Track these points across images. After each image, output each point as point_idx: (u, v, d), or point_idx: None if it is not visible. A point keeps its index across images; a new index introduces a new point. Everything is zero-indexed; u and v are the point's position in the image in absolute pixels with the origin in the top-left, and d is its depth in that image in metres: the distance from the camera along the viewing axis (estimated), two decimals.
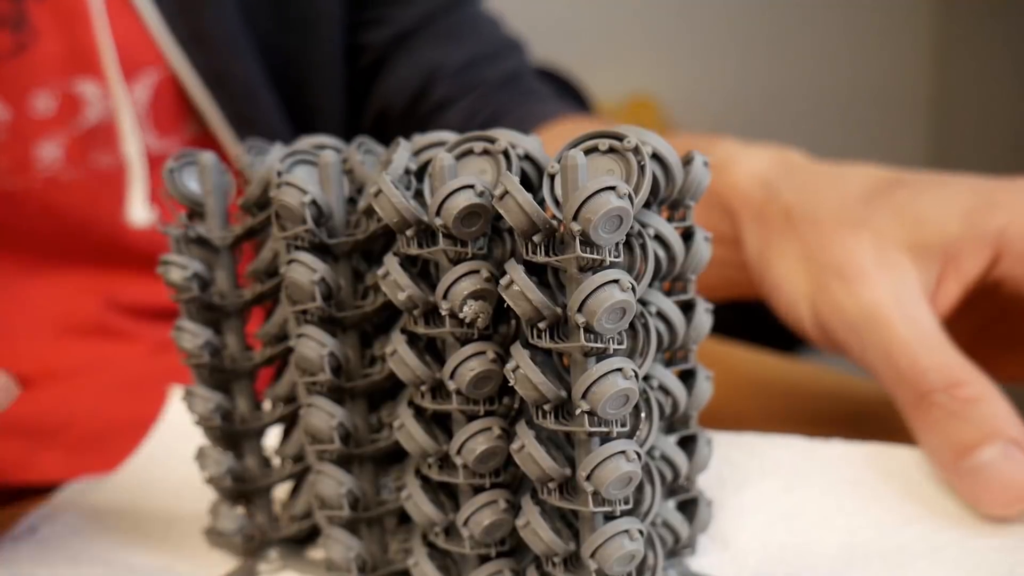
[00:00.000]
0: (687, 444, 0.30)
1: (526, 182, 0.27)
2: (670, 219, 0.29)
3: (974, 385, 0.32)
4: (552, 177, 0.25)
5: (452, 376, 0.26)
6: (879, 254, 0.35)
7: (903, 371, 0.33)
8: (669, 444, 0.29)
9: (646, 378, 0.28)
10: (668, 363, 0.30)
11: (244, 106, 0.54)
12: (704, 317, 0.29)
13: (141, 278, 0.55)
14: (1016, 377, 0.37)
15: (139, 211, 0.52)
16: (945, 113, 1.96)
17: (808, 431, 0.37)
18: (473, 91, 0.58)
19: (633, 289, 0.24)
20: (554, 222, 0.24)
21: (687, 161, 0.28)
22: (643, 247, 0.26)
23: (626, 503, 0.26)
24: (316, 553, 0.34)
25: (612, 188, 0.23)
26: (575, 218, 0.23)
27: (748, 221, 0.40)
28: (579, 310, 0.23)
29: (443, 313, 0.26)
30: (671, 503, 0.31)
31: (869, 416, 0.39)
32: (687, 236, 0.29)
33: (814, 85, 1.86)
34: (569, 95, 0.86)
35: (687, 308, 0.29)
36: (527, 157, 0.27)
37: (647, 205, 0.27)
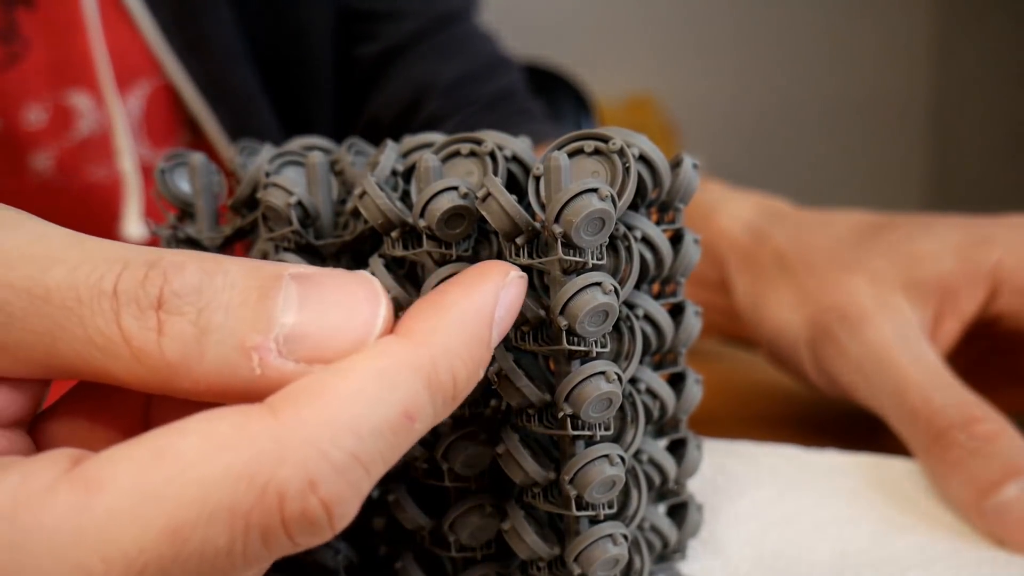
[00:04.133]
0: (676, 448, 0.30)
1: (514, 184, 0.27)
2: (659, 222, 0.28)
3: (990, 421, 0.32)
4: (537, 179, 0.25)
5: None
6: (877, 295, 0.35)
7: (917, 410, 0.33)
8: (657, 448, 0.29)
9: (633, 381, 0.28)
10: (657, 366, 0.30)
11: (242, 115, 0.54)
12: (694, 320, 0.29)
13: None
14: (1010, 409, 0.37)
15: (134, 227, 0.52)
16: (945, 110, 1.96)
17: (804, 436, 0.37)
18: (463, 109, 0.58)
19: (616, 292, 0.24)
20: (538, 224, 0.24)
21: (676, 163, 0.28)
22: (628, 249, 0.26)
23: (610, 507, 0.25)
24: (307, 555, 0.34)
25: (594, 190, 0.23)
26: (557, 220, 0.23)
27: (737, 266, 0.40)
28: (561, 313, 0.23)
29: None
30: (660, 508, 0.31)
31: (866, 420, 0.39)
32: (676, 239, 0.28)
33: (814, 85, 1.86)
34: (570, 94, 0.85)
35: (676, 311, 0.29)
36: (515, 159, 0.27)
37: (634, 207, 0.27)
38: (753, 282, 0.40)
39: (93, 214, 0.53)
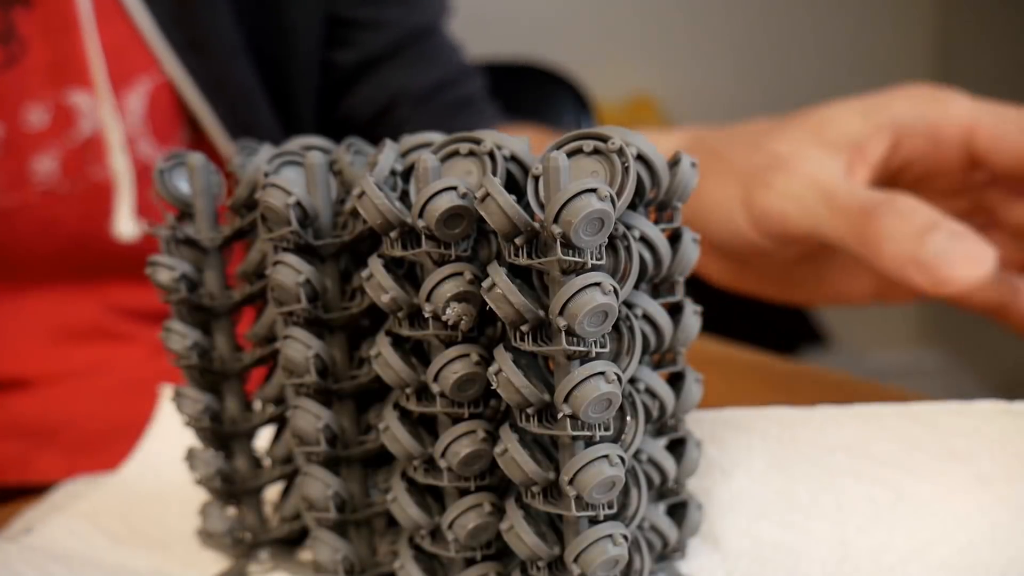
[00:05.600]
0: (676, 447, 0.30)
1: (512, 184, 0.27)
2: (657, 221, 0.28)
3: (910, 198, 0.36)
4: (536, 179, 0.25)
5: (436, 379, 0.26)
6: (796, 150, 0.40)
7: (848, 203, 0.37)
8: (657, 448, 0.29)
9: (632, 381, 0.28)
10: (656, 366, 0.30)
11: (242, 111, 0.54)
12: (692, 319, 0.29)
13: (138, 281, 0.55)
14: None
15: (126, 225, 0.52)
16: None
17: None
18: (432, 114, 0.61)
19: (616, 292, 0.24)
20: (537, 224, 0.24)
21: (674, 162, 0.28)
22: (627, 249, 0.26)
23: (610, 507, 0.25)
24: (307, 554, 0.34)
25: (593, 190, 0.23)
26: (556, 220, 0.23)
27: None
28: (560, 313, 0.23)
29: (426, 315, 0.26)
30: (660, 507, 0.31)
31: None
32: (674, 238, 0.28)
33: (814, 86, 1.86)
34: (570, 94, 0.86)
35: (675, 310, 0.29)
36: (513, 158, 0.27)
37: (633, 207, 0.27)
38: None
39: (94, 213, 0.53)
